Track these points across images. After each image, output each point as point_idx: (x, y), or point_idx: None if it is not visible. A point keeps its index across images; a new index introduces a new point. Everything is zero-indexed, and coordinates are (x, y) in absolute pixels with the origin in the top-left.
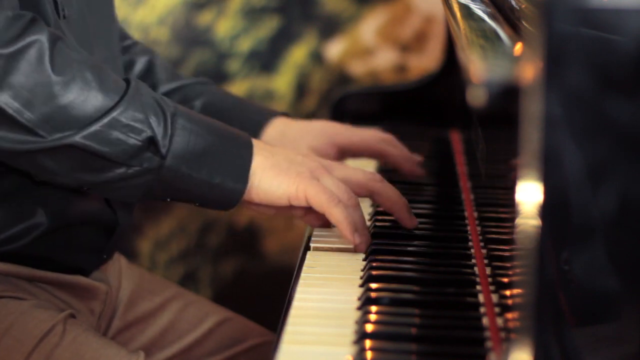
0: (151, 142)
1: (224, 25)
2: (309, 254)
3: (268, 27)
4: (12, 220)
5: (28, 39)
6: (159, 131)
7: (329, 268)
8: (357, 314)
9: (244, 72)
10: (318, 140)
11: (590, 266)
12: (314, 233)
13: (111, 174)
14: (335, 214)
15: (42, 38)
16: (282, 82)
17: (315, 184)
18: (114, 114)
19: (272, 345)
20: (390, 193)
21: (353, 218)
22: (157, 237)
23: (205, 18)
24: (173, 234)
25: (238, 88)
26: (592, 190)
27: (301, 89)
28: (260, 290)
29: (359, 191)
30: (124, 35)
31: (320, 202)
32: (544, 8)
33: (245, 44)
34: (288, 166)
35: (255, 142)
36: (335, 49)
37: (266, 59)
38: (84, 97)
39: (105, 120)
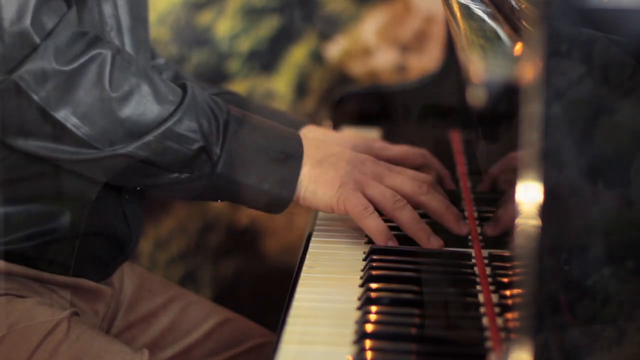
0: (203, 150)
1: (224, 25)
2: (309, 254)
3: (268, 27)
4: (30, 222)
5: (89, 55)
6: (211, 139)
7: (329, 268)
8: (357, 314)
9: (244, 72)
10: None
11: (590, 266)
12: (316, 228)
13: (164, 179)
14: (366, 225)
15: (103, 53)
16: (282, 82)
17: (354, 196)
18: (169, 124)
19: (273, 345)
20: (435, 205)
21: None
22: (157, 237)
23: (205, 18)
24: (173, 234)
25: (238, 88)
26: (592, 190)
27: (301, 89)
28: (260, 290)
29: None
30: (154, 54)
31: (355, 213)
32: (543, 8)
33: (245, 44)
34: (333, 176)
35: (306, 147)
36: (335, 49)
37: (266, 59)
38: (140, 111)
39: (160, 130)
